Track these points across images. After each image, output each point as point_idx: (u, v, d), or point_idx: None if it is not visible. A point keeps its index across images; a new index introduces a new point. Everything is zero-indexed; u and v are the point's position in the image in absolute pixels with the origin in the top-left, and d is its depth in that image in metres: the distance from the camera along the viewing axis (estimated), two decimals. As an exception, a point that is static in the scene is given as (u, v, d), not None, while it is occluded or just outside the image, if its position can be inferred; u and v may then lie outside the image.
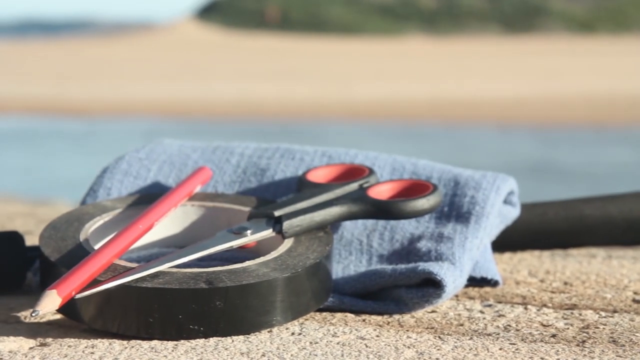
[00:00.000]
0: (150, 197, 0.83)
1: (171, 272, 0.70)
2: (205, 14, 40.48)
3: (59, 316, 0.76)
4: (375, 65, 19.36)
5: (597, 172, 6.44)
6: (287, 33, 35.00)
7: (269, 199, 0.83)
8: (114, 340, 0.69)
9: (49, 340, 0.70)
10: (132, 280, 0.68)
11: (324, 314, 0.76)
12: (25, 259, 0.83)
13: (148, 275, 0.69)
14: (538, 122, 10.30)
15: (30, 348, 0.69)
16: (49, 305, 0.65)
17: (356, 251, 0.82)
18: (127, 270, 0.70)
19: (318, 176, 0.84)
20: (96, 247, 0.74)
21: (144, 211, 0.76)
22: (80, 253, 0.73)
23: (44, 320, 0.76)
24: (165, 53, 26.60)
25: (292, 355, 0.66)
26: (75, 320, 0.72)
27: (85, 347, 0.68)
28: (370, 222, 0.83)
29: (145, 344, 0.68)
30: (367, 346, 0.67)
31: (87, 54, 26.16)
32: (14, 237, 0.83)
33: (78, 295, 0.67)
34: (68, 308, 0.71)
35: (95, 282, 0.68)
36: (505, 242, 0.96)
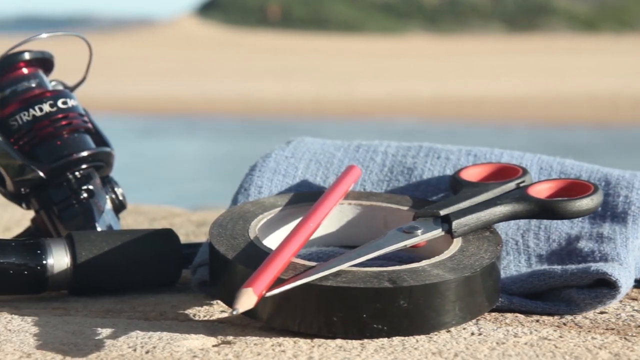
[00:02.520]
0: (305, 195, 0.82)
1: (352, 271, 0.69)
2: (206, 10, 40.47)
3: (226, 314, 0.76)
4: (377, 63, 19.36)
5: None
6: (289, 30, 35.01)
7: (422, 199, 0.83)
8: (297, 338, 0.69)
9: (230, 338, 0.70)
10: (316, 279, 0.68)
11: (494, 314, 0.76)
12: (181, 256, 0.83)
13: (330, 274, 0.69)
14: (541, 121, 10.31)
15: (214, 346, 0.68)
16: (247, 303, 0.65)
17: (513, 251, 0.81)
18: (308, 269, 0.69)
19: (472, 175, 0.83)
20: (265, 244, 0.74)
21: (310, 210, 0.76)
22: (253, 251, 0.72)
23: (213, 318, 0.76)
24: (166, 50, 26.60)
25: (485, 355, 0.65)
26: (252, 318, 0.71)
27: (272, 346, 0.68)
28: (522, 222, 0.83)
29: (331, 342, 0.68)
30: (556, 347, 0.67)
31: (86, 50, 26.07)
32: (170, 235, 0.83)
33: (268, 294, 0.67)
34: None
35: (279, 281, 0.68)
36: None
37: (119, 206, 0.91)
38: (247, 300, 0.65)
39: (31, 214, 0.94)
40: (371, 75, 16.34)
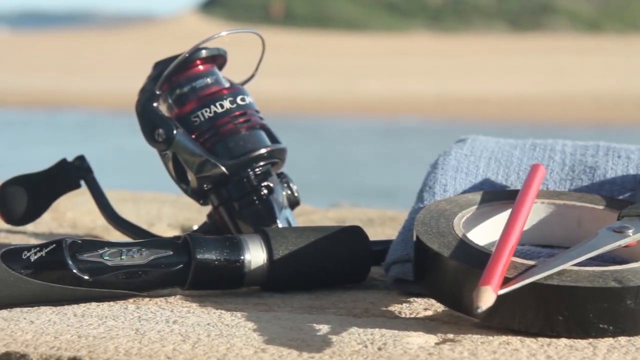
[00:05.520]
0: (495, 193, 0.83)
1: (575, 270, 0.70)
2: (209, 7, 40.45)
3: (430, 312, 0.77)
4: (380, 61, 19.36)
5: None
6: (291, 28, 34.99)
7: (612, 198, 0.83)
8: (519, 336, 0.69)
9: (451, 335, 0.70)
10: (541, 278, 0.69)
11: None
12: (370, 252, 0.83)
13: (554, 274, 0.69)
14: (544, 120, 10.32)
15: (438, 343, 0.69)
16: (488, 300, 0.65)
17: None
18: (530, 268, 0.70)
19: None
20: (472, 241, 0.74)
21: (513, 209, 0.77)
22: (465, 248, 0.73)
23: (420, 315, 0.76)
24: (168, 46, 26.52)
25: None
26: (468, 316, 0.72)
27: (500, 344, 0.68)
28: None
29: (557, 341, 0.68)
30: None
31: (88, 46, 26.13)
32: (359, 232, 0.84)
33: (500, 292, 0.67)
34: (457, 302, 0.71)
35: (505, 280, 0.69)
36: None
37: (294, 202, 0.91)
38: (488, 298, 0.65)
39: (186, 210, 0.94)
40: (374, 73, 16.35)
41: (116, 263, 0.77)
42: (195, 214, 1.19)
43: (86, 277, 0.77)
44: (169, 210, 1.21)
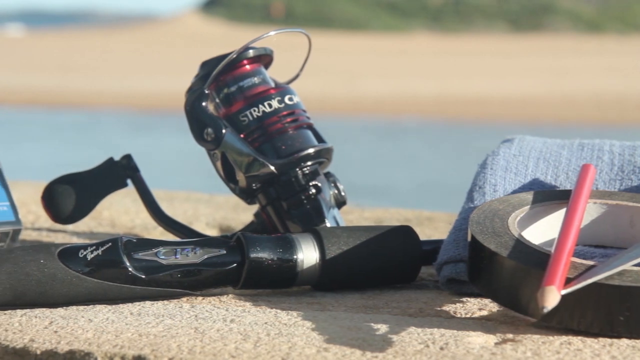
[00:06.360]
0: (547, 194, 0.83)
1: (635, 271, 0.70)
2: (210, 7, 40.43)
3: (485, 312, 0.77)
4: (380, 61, 19.37)
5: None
6: (292, 27, 34.94)
7: None
8: (580, 337, 0.69)
9: (510, 335, 0.70)
10: (602, 278, 0.69)
11: None
12: (420, 252, 0.84)
13: (614, 274, 0.69)
14: (545, 121, 10.32)
15: (498, 343, 0.69)
16: (553, 300, 0.65)
17: None
18: (590, 268, 0.70)
19: None
20: (529, 241, 0.75)
21: (568, 210, 0.77)
22: (523, 248, 0.73)
23: (475, 315, 0.76)
24: (169, 46, 26.57)
25: None
26: (523, 314, 0.72)
27: (561, 344, 0.68)
28: None
29: (618, 341, 0.69)
30: None
31: (89, 46, 26.12)
32: (409, 232, 0.84)
33: (563, 292, 0.67)
34: (515, 302, 0.72)
35: (566, 281, 0.69)
36: None
37: (341, 202, 0.91)
38: (553, 297, 0.65)
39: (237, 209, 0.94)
40: (375, 73, 16.35)
41: (171, 262, 0.78)
42: (231, 213, 1.19)
43: (142, 276, 0.77)
44: (205, 210, 1.21)
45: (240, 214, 1.18)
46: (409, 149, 8.82)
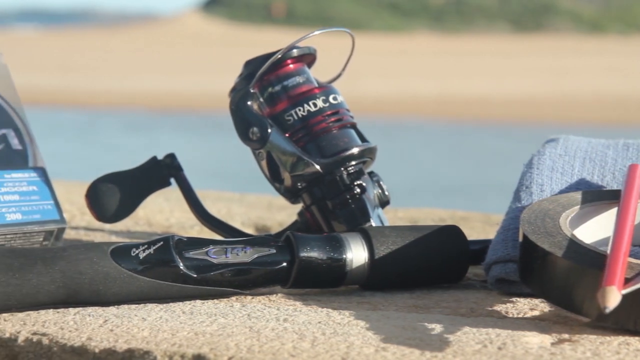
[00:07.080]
0: (595, 193, 0.83)
1: (692, 270, 0.70)
2: (211, 6, 40.44)
3: (537, 312, 0.77)
4: (381, 61, 19.36)
5: None
6: (293, 27, 34.98)
7: None
8: (636, 337, 0.70)
9: (565, 335, 0.70)
10: (660, 278, 0.69)
11: None
12: (468, 252, 0.84)
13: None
14: (546, 121, 10.33)
15: (554, 343, 0.69)
16: (615, 301, 0.65)
17: None
18: (645, 268, 0.70)
19: None
20: (582, 241, 0.75)
21: (620, 210, 0.77)
22: (576, 248, 0.73)
23: (527, 315, 0.76)
24: (169, 45, 26.57)
25: None
26: (577, 314, 0.72)
27: (619, 344, 0.68)
28: None
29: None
30: None
31: (89, 45, 26.12)
32: (457, 231, 0.84)
33: (623, 292, 0.67)
34: (569, 302, 0.72)
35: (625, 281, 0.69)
36: None
37: (385, 201, 0.91)
38: (614, 297, 0.65)
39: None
40: (376, 73, 16.35)
41: (222, 261, 0.78)
42: (266, 213, 1.19)
43: (193, 275, 0.77)
44: (239, 209, 1.21)
45: (274, 213, 1.18)
46: (410, 149, 8.82)
